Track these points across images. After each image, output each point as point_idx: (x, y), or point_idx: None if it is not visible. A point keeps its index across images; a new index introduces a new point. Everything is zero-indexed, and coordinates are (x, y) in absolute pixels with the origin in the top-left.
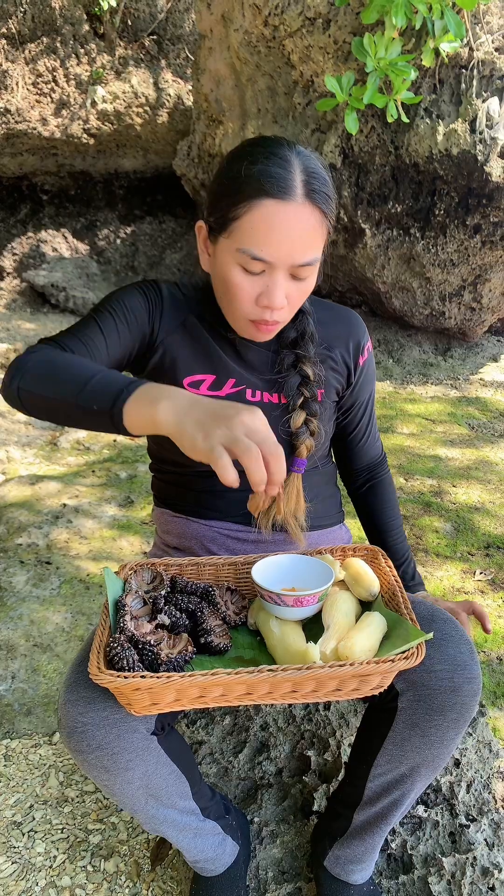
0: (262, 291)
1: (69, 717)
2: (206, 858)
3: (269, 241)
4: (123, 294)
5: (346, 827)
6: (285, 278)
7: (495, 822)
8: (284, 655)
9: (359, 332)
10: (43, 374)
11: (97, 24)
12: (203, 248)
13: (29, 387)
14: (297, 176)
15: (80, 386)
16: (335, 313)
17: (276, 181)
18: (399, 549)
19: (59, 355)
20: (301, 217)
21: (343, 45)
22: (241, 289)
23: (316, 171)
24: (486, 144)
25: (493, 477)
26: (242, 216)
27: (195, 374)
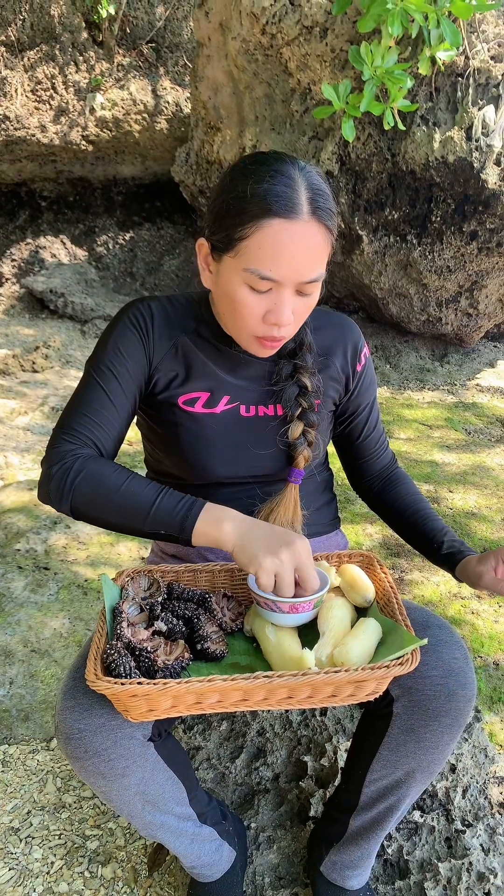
0: (270, 309)
1: (66, 723)
2: (202, 864)
3: (277, 261)
4: (118, 337)
5: (342, 832)
6: (291, 295)
7: (491, 827)
8: (280, 662)
9: (355, 338)
10: (96, 497)
11: (96, 32)
12: (204, 265)
13: (85, 510)
14: (302, 194)
15: (144, 514)
16: (330, 320)
17: (283, 200)
18: (435, 525)
19: (103, 472)
20: (308, 235)
21: (340, 54)
22: (248, 307)
23: (319, 188)
24: (482, 152)
25: (490, 482)
26: (249, 236)
27: (190, 393)
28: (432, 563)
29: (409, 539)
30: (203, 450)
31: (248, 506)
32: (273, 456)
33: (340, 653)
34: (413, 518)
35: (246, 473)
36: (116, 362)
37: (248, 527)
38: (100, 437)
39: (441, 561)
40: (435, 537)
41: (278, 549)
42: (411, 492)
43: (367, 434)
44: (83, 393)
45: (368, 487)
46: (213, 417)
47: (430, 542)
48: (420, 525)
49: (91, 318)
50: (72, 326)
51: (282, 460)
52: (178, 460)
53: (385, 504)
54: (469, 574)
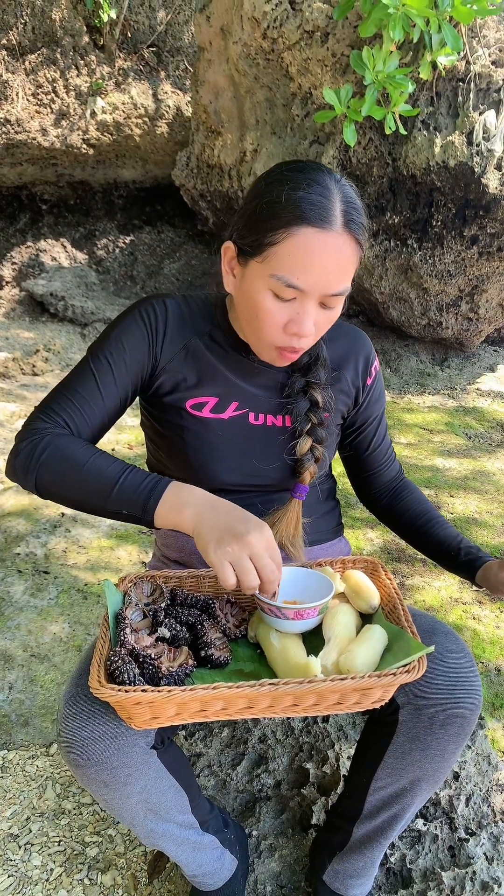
0: (292, 318)
1: (68, 730)
2: (204, 873)
3: (306, 270)
4: (122, 328)
5: (345, 841)
6: (315, 306)
7: (494, 835)
8: (285, 668)
9: (366, 351)
10: (61, 472)
11: (97, 36)
12: (228, 269)
13: (49, 486)
14: (337, 205)
15: (107, 491)
16: (342, 332)
17: (318, 209)
18: (448, 533)
19: (70, 449)
20: (339, 247)
21: (341, 58)
22: (271, 314)
23: (354, 202)
24: (482, 156)
25: (490, 487)
26: (279, 242)
27: (198, 397)
28: (447, 570)
29: (421, 548)
30: (207, 454)
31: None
32: (278, 467)
33: (346, 660)
34: (425, 527)
35: (248, 482)
36: (115, 353)
37: (205, 513)
38: (78, 423)
39: (459, 568)
40: (450, 545)
41: (229, 542)
42: (420, 500)
43: (374, 447)
44: (73, 377)
45: (377, 500)
46: (221, 423)
47: (445, 551)
48: (433, 534)
49: (91, 322)
50: (72, 330)
51: (286, 472)
52: (182, 464)
53: (394, 515)
54: (491, 581)
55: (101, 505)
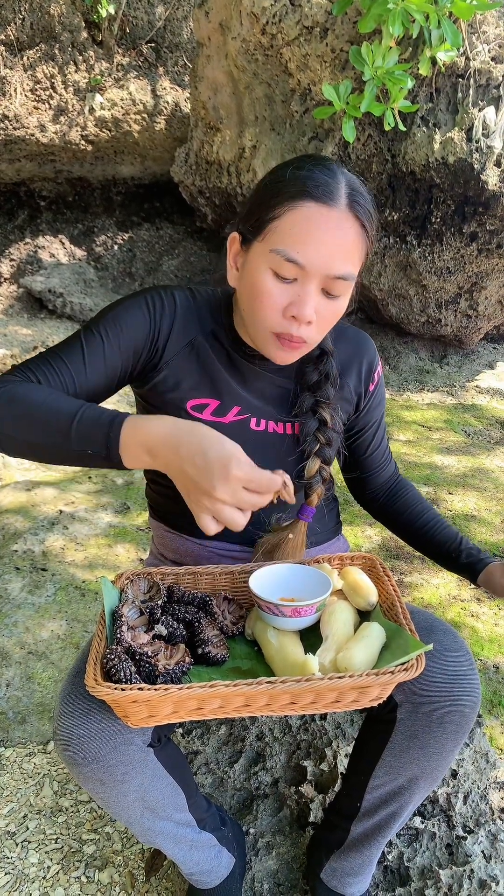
0: (292, 301)
1: (65, 728)
2: (201, 871)
3: (307, 244)
4: (124, 309)
5: (343, 839)
6: (317, 291)
7: (492, 833)
8: (283, 666)
9: (370, 357)
10: (17, 415)
11: (95, 32)
12: (232, 262)
13: (9, 432)
14: (342, 186)
15: (66, 429)
16: (345, 336)
17: (322, 186)
18: (447, 533)
19: (29, 393)
20: (343, 225)
21: (340, 54)
22: (270, 296)
23: (360, 189)
24: (482, 153)
25: (489, 484)
26: (282, 216)
27: (199, 398)
28: (446, 570)
29: (420, 548)
30: None
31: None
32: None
33: (344, 658)
34: (423, 528)
35: None
36: (110, 331)
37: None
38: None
39: (459, 569)
40: (450, 546)
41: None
42: (417, 499)
43: (372, 450)
44: (60, 345)
45: (373, 499)
46: (221, 427)
47: (446, 552)
48: (432, 535)
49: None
50: (70, 326)
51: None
52: None
53: (392, 515)
54: (495, 585)
55: (62, 446)
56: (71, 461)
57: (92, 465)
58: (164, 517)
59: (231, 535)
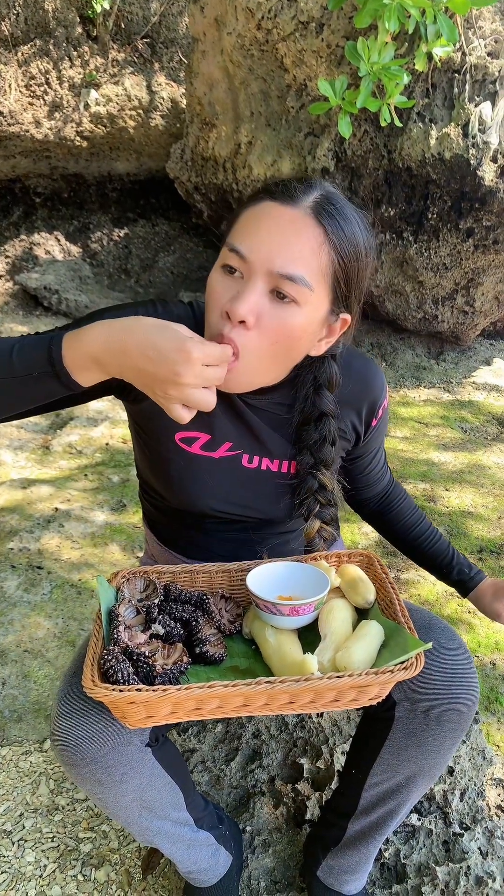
0: (232, 296)
1: (62, 730)
2: (199, 869)
3: (252, 235)
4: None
5: (339, 837)
6: (262, 291)
7: (489, 830)
8: (281, 666)
9: (374, 395)
10: None
11: (90, 27)
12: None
13: None
14: (311, 194)
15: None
16: (351, 370)
17: (285, 187)
18: (439, 547)
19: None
20: (294, 222)
21: (336, 49)
22: (215, 291)
23: (334, 200)
24: (478, 149)
25: (486, 481)
26: (240, 215)
27: (188, 431)
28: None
29: (412, 558)
30: (196, 488)
31: (238, 540)
32: (272, 509)
33: (343, 656)
34: (416, 541)
35: (239, 513)
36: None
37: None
38: None
39: (450, 584)
40: (442, 560)
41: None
42: (411, 510)
43: (369, 471)
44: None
45: (364, 506)
46: (212, 461)
47: (438, 566)
48: (425, 548)
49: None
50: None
51: (283, 512)
52: (167, 487)
53: (385, 524)
54: (484, 607)
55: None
56: (21, 395)
57: (44, 394)
58: (157, 530)
59: (220, 554)
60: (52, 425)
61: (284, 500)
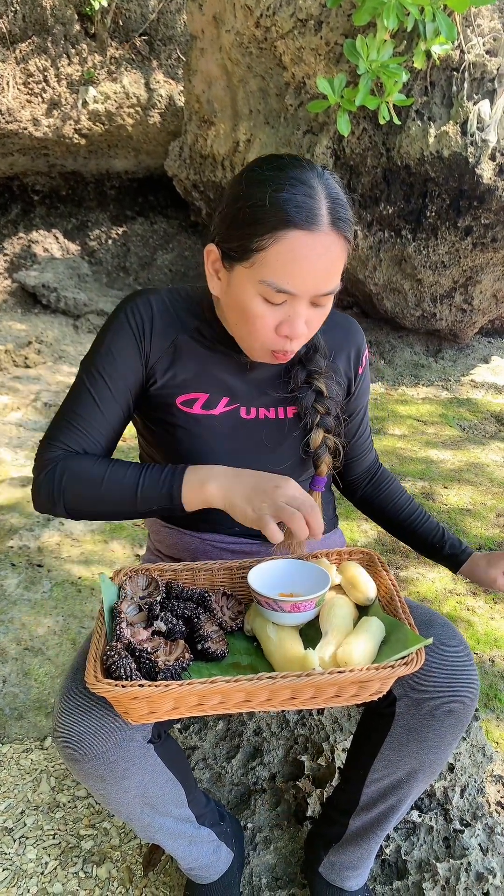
0: (283, 321)
1: (65, 726)
2: (200, 866)
3: (296, 275)
4: (112, 340)
5: (341, 833)
6: (306, 307)
7: (489, 826)
8: (282, 662)
9: (358, 340)
10: (84, 494)
11: (88, 24)
12: (212, 271)
13: (78, 509)
14: (322, 204)
15: (133, 499)
16: (334, 321)
17: (304, 211)
18: (430, 525)
19: (84, 469)
20: (327, 248)
21: (335, 47)
22: (262, 319)
23: (339, 197)
24: (476, 146)
25: (484, 478)
26: (267, 248)
27: (187, 394)
28: (428, 559)
29: (404, 539)
30: (200, 450)
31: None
32: (274, 458)
33: (344, 652)
34: (407, 521)
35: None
36: (108, 366)
37: (231, 482)
38: (85, 446)
39: (442, 560)
40: (433, 537)
41: (262, 497)
42: (399, 491)
43: (358, 436)
44: (72, 400)
45: (355, 487)
46: (212, 419)
47: (430, 543)
48: (415, 527)
49: (84, 313)
50: (64, 321)
51: (285, 462)
52: (174, 459)
53: (375, 506)
54: (479, 576)
55: (132, 511)
56: (140, 517)
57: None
58: None
59: (226, 527)
60: None
61: (287, 444)
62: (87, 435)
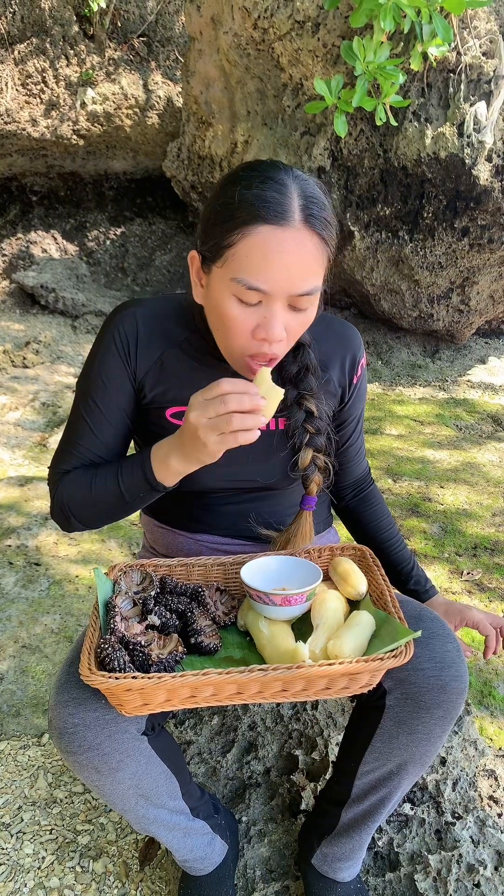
0: (260, 323)
1: (60, 717)
2: (195, 858)
3: (265, 270)
4: (102, 364)
5: (333, 825)
6: (283, 309)
7: (481, 819)
8: (274, 655)
9: (354, 349)
10: (85, 508)
11: (87, 26)
12: (196, 279)
13: (86, 522)
14: (294, 200)
15: (122, 501)
16: (330, 329)
17: (272, 205)
18: (403, 555)
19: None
20: (299, 243)
21: (332, 49)
22: (237, 321)
23: (314, 196)
24: (473, 148)
25: (480, 479)
26: (237, 243)
27: (177, 407)
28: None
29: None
30: None
31: (237, 512)
32: (264, 470)
33: (334, 645)
34: (384, 545)
35: (235, 486)
36: (100, 392)
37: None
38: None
39: (405, 593)
40: (403, 568)
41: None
42: (384, 514)
43: (350, 444)
44: (71, 428)
45: (341, 496)
46: None
47: (396, 572)
48: (389, 552)
49: (82, 314)
50: (63, 322)
51: (274, 474)
52: None
53: (356, 519)
54: None
55: (126, 505)
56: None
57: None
58: (156, 512)
59: (220, 528)
60: (49, 423)
61: (277, 456)
62: (86, 461)
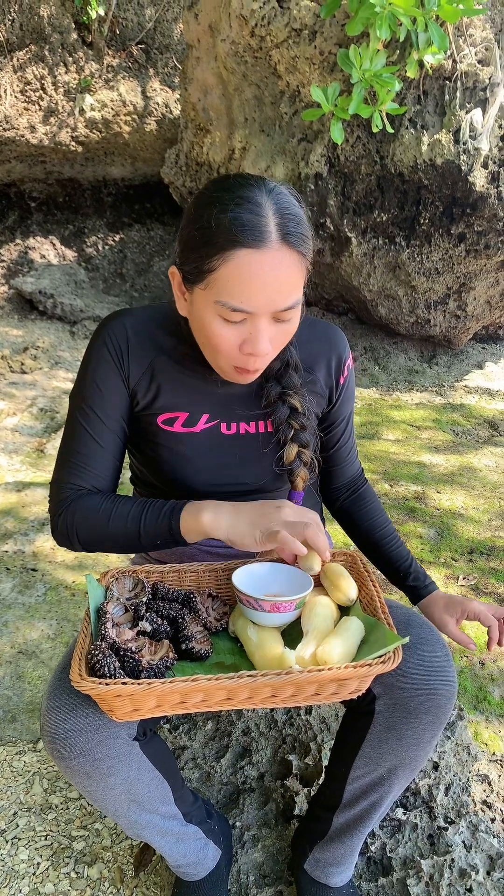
0: (246, 339)
1: (52, 723)
2: (188, 863)
3: (248, 293)
4: (95, 372)
5: (325, 830)
6: (268, 324)
7: (473, 824)
8: (262, 661)
9: (340, 350)
10: (94, 532)
11: (85, 33)
12: (179, 293)
13: (91, 544)
14: (270, 220)
15: (137, 536)
16: (315, 330)
17: (249, 229)
18: (400, 552)
19: (92, 510)
20: (278, 263)
21: (329, 57)
22: (223, 338)
23: (290, 211)
24: (469, 154)
25: (477, 483)
26: (217, 268)
27: (168, 413)
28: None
29: (372, 559)
30: (183, 467)
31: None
32: (256, 473)
33: (323, 651)
34: (380, 542)
35: (229, 490)
36: (97, 399)
37: (230, 511)
38: (92, 481)
39: (403, 588)
40: (401, 565)
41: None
42: (378, 511)
43: (341, 444)
44: (70, 439)
45: (335, 497)
46: (193, 436)
47: (395, 569)
48: (387, 550)
49: (80, 320)
50: (61, 327)
51: (265, 477)
52: (159, 475)
53: (351, 519)
54: (435, 616)
55: (138, 545)
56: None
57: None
58: None
59: None
60: (47, 429)
61: (265, 458)
62: (91, 470)
